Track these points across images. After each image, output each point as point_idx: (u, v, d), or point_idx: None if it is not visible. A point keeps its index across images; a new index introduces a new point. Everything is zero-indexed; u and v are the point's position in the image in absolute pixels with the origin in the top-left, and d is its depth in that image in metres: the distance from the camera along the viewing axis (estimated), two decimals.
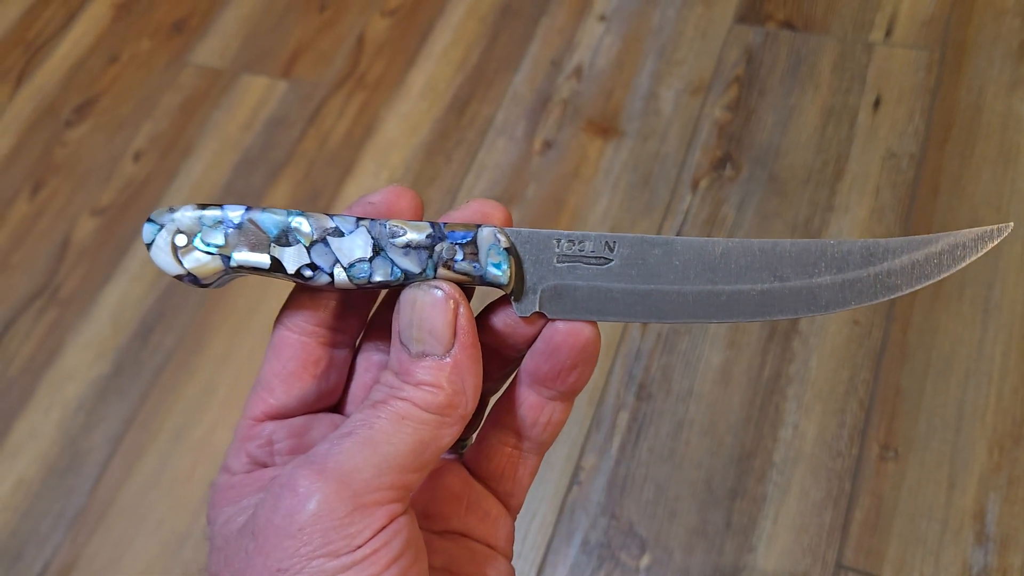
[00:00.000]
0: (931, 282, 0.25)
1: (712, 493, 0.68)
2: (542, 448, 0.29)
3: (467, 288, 0.27)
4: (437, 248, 0.26)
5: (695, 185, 0.83)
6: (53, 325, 0.85)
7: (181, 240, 0.26)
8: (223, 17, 1.04)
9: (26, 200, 0.94)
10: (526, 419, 0.28)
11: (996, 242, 0.25)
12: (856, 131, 0.83)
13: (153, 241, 0.26)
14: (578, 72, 0.92)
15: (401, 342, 0.25)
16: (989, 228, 0.25)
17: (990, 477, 0.66)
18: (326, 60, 0.98)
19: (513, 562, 0.72)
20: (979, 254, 0.25)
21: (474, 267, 0.26)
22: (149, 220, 0.26)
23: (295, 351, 0.27)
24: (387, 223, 0.26)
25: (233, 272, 0.26)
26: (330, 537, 0.22)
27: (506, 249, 0.26)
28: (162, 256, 0.26)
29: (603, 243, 0.26)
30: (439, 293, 0.25)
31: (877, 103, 0.84)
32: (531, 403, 0.28)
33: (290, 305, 0.28)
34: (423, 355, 0.25)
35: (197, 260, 0.26)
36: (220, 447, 0.76)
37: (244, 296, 0.83)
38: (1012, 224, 0.25)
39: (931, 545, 0.65)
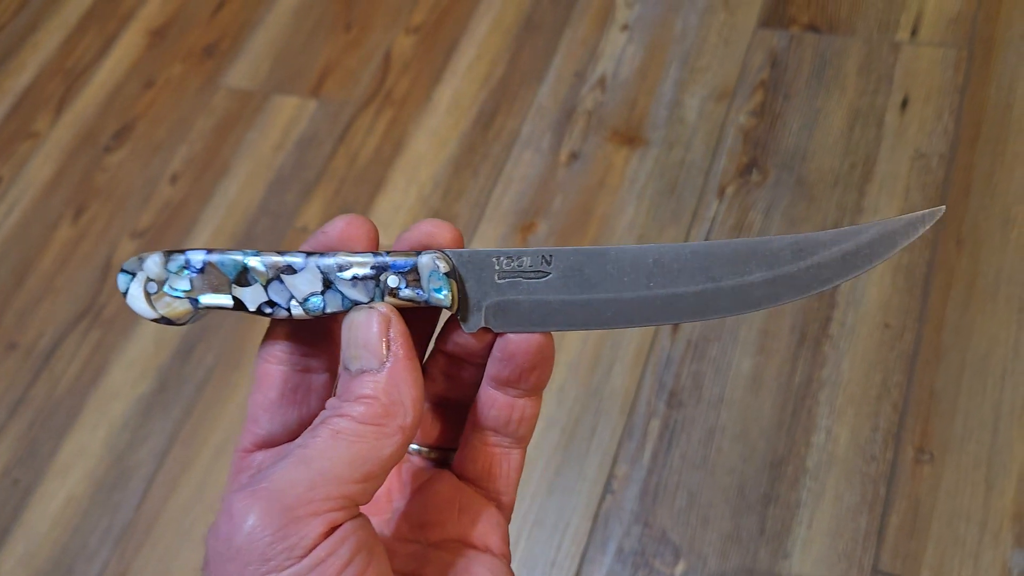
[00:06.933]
0: (862, 272, 0.26)
1: (745, 499, 0.68)
2: (522, 442, 0.30)
3: (421, 310, 0.28)
4: (382, 277, 0.27)
5: (722, 192, 0.83)
6: (97, 345, 0.88)
7: (152, 287, 0.27)
8: (252, 40, 1.06)
9: (69, 224, 0.97)
10: (499, 418, 0.29)
11: (928, 226, 0.26)
12: (884, 132, 0.83)
13: (128, 290, 0.27)
14: (602, 82, 0.92)
15: (344, 366, 0.26)
16: (921, 213, 0.26)
17: None
18: (354, 78, 1.00)
19: (549, 572, 0.73)
20: (910, 240, 0.26)
21: (417, 293, 0.27)
22: (122, 271, 0.27)
23: (274, 381, 0.28)
24: (335, 257, 0.27)
25: (204, 312, 0.28)
26: (268, 553, 0.23)
27: (446, 274, 0.27)
28: (137, 303, 0.27)
29: (540, 258, 0.27)
30: (370, 310, 0.26)
31: (904, 103, 0.84)
32: (501, 403, 0.29)
33: (266, 338, 0.29)
34: (361, 372, 0.26)
35: (168, 305, 0.27)
36: None
37: None
38: (944, 207, 0.26)
39: (970, 548, 0.64)
